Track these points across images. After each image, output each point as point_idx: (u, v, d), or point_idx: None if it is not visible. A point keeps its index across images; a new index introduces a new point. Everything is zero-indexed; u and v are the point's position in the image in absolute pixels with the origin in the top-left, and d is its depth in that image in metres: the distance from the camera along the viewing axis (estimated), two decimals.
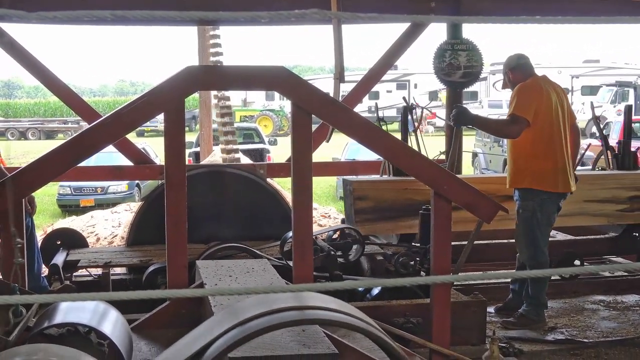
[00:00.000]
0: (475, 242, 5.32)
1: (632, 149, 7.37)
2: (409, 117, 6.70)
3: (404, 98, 7.14)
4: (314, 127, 5.83)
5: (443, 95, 39.02)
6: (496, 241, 6.81)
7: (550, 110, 5.66)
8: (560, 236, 7.11)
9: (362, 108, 40.68)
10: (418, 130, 6.73)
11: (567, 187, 5.76)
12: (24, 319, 3.26)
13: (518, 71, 5.84)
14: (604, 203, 6.63)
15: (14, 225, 3.71)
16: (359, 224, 6.17)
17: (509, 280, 6.33)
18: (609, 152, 7.41)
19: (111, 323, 3.29)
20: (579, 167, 6.79)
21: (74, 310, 3.25)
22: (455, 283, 5.46)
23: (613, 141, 21.87)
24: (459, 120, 5.81)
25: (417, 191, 6.22)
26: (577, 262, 6.63)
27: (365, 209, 6.19)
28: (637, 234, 7.12)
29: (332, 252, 5.22)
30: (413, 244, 5.88)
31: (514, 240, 6.05)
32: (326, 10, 6.71)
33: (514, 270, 6.12)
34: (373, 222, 6.12)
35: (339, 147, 15.86)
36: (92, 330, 3.12)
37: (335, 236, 5.88)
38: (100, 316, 3.29)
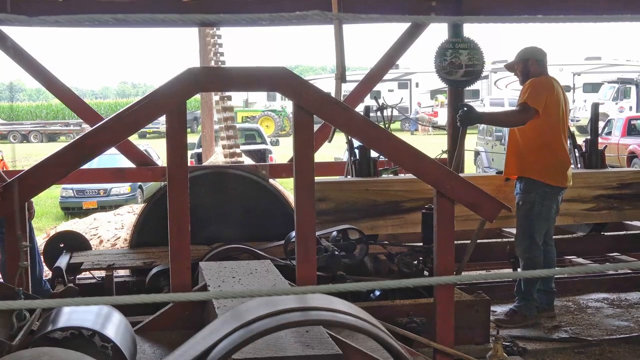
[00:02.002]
0: (478, 240, 5.33)
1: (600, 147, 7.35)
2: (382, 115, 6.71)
3: (374, 98, 7.15)
4: (316, 127, 5.83)
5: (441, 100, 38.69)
6: (500, 240, 6.80)
7: (558, 107, 5.81)
8: None
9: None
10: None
11: (566, 182, 5.89)
12: (28, 323, 3.26)
13: (539, 65, 5.92)
14: (570, 202, 6.54)
15: (19, 229, 3.71)
16: (320, 226, 6.16)
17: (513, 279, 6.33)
18: (576, 150, 7.38)
19: (115, 326, 3.29)
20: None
21: (77, 314, 3.25)
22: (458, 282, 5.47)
23: (616, 138, 21.73)
24: (466, 120, 5.78)
25: (379, 192, 6.24)
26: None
27: (326, 210, 6.18)
28: (604, 233, 7.08)
29: (336, 252, 5.21)
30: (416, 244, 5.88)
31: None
32: (327, 10, 6.72)
33: (518, 270, 6.13)
34: (335, 224, 6.12)
35: (341, 147, 15.87)
36: (96, 333, 3.12)
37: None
38: (104, 319, 3.29)
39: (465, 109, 5.75)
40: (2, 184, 4.07)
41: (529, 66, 5.88)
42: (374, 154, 6.59)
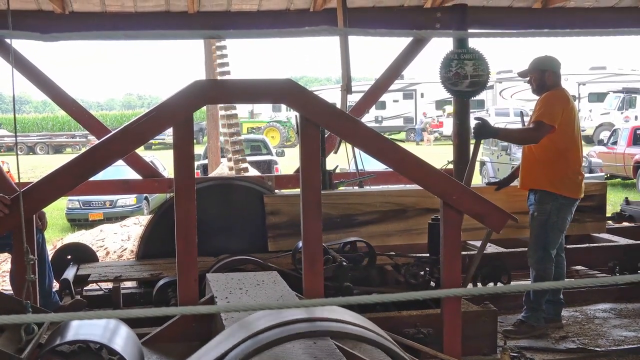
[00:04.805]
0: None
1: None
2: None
3: (295, 117, 7.14)
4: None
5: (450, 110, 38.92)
6: (510, 250, 6.75)
7: (574, 119, 5.84)
8: (491, 248, 6.76)
9: (369, 118, 40.74)
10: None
11: (580, 193, 5.91)
12: (36, 336, 3.26)
13: (555, 77, 5.92)
14: (525, 215, 6.22)
15: (26, 242, 3.72)
16: (272, 240, 6.13)
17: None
18: None
19: (122, 339, 3.29)
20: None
21: (85, 327, 3.26)
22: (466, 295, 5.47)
23: (621, 148, 21.71)
24: (481, 133, 5.74)
25: (333, 205, 6.20)
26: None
27: (279, 224, 6.17)
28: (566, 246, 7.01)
29: (344, 263, 5.20)
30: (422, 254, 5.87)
31: (526, 249, 6.04)
32: (332, 21, 6.70)
33: (528, 282, 6.13)
34: (287, 237, 6.10)
35: (346, 157, 15.79)
36: (104, 346, 3.12)
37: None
38: (112, 332, 3.29)
39: (480, 122, 5.73)
40: (11, 196, 4.08)
41: (546, 78, 5.86)
42: (329, 166, 6.59)
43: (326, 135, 7.04)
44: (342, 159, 7.78)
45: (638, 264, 6.96)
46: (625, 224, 8.17)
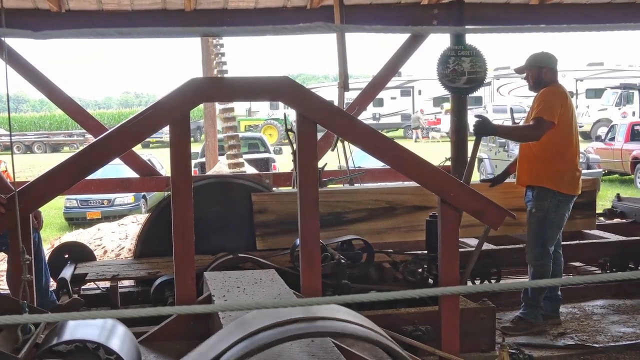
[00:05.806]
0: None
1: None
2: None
3: (285, 115, 7.13)
4: (319, 135, 5.80)
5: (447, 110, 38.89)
6: (507, 246, 6.74)
7: (571, 115, 5.84)
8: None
9: (367, 115, 40.63)
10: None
11: (578, 190, 5.93)
12: (33, 336, 3.26)
13: (552, 73, 5.92)
14: (520, 212, 6.11)
15: (22, 241, 3.71)
16: (260, 238, 6.11)
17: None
18: None
19: (119, 338, 3.28)
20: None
21: (82, 326, 3.25)
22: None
23: (619, 144, 21.66)
24: (481, 131, 5.72)
25: (321, 203, 6.15)
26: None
27: (266, 222, 6.15)
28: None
29: (342, 261, 5.20)
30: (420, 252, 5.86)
31: (517, 246, 6.04)
32: (329, 19, 6.68)
33: (526, 280, 6.12)
34: (275, 236, 6.10)
35: (344, 156, 15.73)
36: (101, 346, 3.12)
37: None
38: (109, 332, 3.29)
39: (480, 119, 5.70)
40: (7, 196, 4.07)
41: (543, 74, 5.86)
42: (320, 164, 6.53)
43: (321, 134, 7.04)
44: (335, 157, 7.75)
45: (629, 260, 6.96)
46: (617, 220, 8.16)
